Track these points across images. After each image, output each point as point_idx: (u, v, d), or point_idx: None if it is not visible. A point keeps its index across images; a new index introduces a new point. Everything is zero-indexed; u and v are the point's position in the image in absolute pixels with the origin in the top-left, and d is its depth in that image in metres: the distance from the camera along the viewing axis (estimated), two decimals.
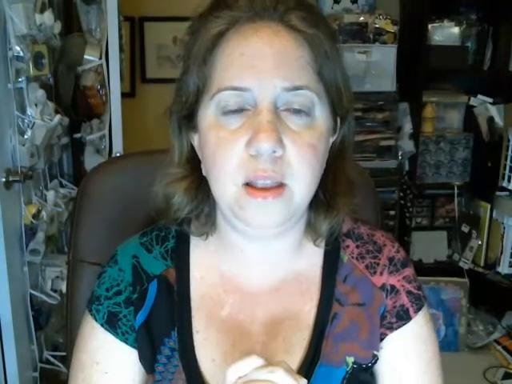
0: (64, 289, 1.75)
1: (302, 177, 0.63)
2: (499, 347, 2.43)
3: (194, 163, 0.69)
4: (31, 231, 1.62)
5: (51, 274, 1.73)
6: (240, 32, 0.62)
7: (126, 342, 0.71)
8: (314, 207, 0.71)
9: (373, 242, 0.76)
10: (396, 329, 0.73)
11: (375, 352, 0.72)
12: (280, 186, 0.62)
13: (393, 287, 0.74)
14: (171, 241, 0.75)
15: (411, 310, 0.74)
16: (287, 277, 0.73)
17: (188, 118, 0.68)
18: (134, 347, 0.71)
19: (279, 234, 0.67)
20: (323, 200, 0.70)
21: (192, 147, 0.70)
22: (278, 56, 0.61)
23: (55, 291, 1.74)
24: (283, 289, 0.72)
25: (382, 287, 0.74)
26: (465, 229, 2.57)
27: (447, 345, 2.42)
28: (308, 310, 0.72)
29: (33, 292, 1.65)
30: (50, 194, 1.72)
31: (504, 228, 2.39)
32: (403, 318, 0.73)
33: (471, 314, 2.53)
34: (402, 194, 2.49)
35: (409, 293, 0.74)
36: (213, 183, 0.65)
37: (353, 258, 0.75)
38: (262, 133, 0.59)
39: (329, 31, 0.66)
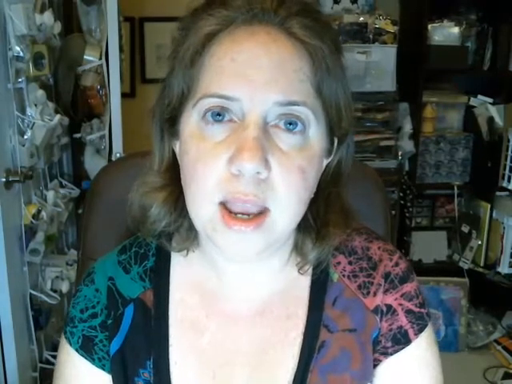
0: (64, 289, 1.76)
1: (287, 203, 0.56)
2: (499, 347, 2.43)
3: (174, 172, 0.63)
4: (31, 231, 1.62)
5: (51, 274, 1.74)
6: (234, 34, 0.56)
7: (104, 369, 0.66)
8: (302, 230, 0.64)
9: (367, 258, 0.68)
10: (392, 354, 0.66)
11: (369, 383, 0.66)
12: (261, 213, 0.55)
13: (389, 307, 0.66)
14: (151, 259, 0.69)
15: (411, 332, 0.66)
16: (272, 299, 0.66)
17: (170, 123, 0.62)
18: (111, 374, 0.67)
19: (261, 258, 0.61)
20: (313, 226, 0.64)
21: (174, 154, 0.64)
22: (275, 66, 0.54)
23: (55, 291, 1.74)
24: (268, 312, 0.66)
25: (376, 310, 0.66)
26: (465, 229, 2.57)
27: (447, 345, 2.42)
28: (293, 337, 0.65)
29: (33, 292, 1.65)
30: (50, 194, 1.72)
31: (504, 228, 2.40)
32: (401, 341, 0.65)
33: (471, 314, 2.53)
34: (401, 194, 2.50)
35: (408, 312, 0.66)
36: (188, 198, 0.59)
37: (344, 276, 0.67)
38: (245, 151, 0.52)
39: (334, 44, 0.59)
